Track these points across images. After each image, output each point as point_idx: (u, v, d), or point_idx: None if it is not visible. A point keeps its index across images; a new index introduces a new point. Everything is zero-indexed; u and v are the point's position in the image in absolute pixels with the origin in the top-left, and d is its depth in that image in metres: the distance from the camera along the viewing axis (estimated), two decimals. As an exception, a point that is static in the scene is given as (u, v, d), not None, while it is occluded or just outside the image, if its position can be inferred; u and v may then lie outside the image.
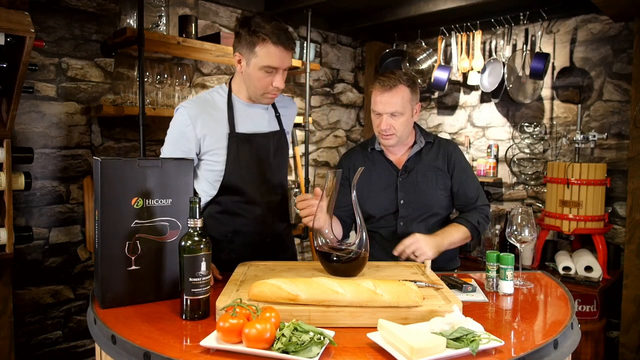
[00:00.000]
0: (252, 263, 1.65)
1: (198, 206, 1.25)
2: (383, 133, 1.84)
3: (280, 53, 1.65)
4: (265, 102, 1.77)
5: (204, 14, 3.05)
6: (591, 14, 3.17)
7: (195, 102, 1.76)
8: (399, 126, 1.82)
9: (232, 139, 1.73)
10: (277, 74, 1.69)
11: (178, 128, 1.72)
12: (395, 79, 1.80)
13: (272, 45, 1.63)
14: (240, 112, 1.78)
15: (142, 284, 1.37)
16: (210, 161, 1.75)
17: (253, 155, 1.77)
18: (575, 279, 2.83)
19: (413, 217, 1.88)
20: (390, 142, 1.86)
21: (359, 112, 4.21)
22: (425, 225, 1.88)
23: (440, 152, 1.94)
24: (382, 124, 1.82)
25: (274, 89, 1.71)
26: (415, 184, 1.88)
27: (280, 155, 1.87)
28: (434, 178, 1.90)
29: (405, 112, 1.81)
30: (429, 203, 1.88)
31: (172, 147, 1.73)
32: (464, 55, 3.52)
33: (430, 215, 1.90)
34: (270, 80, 1.69)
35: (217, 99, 1.78)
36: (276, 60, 1.65)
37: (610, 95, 3.14)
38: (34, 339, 2.46)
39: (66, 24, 2.48)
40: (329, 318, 1.20)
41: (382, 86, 1.80)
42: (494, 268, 1.54)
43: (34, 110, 2.40)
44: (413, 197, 1.87)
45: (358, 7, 3.46)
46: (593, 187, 2.87)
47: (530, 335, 1.21)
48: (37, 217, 2.44)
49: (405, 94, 1.81)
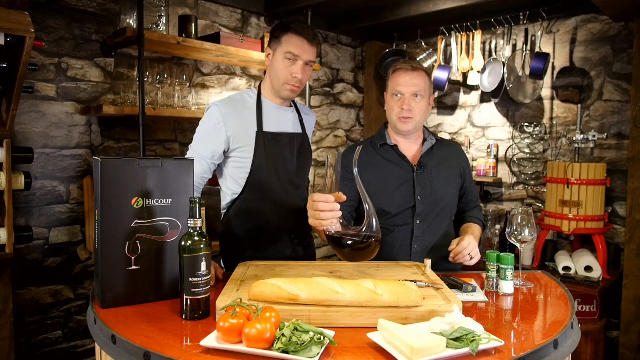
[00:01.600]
0: (252, 263, 1.65)
1: (198, 206, 1.25)
2: (403, 115, 1.82)
3: (302, 43, 1.76)
4: (285, 94, 1.83)
5: (204, 14, 3.05)
6: (591, 14, 3.17)
7: (226, 102, 1.86)
8: (419, 110, 1.83)
9: (259, 136, 1.81)
10: (297, 64, 1.77)
11: (210, 125, 1.81)
12: (416, 64, 1.86)
13: (296, 35, 1.77)
14: (268, 112, 1.87)
15: (142, 284, 1.37)
16: (238, 158, 1.82)
17: (279, 154, 1.84)
18: (575, 279, 2.83)
19: (427, 214, 1.86)
20: (409, 126, 1.84)
21: (359, 112, 4.21)
22: (438, 222, 1.88)
23: (451, 151, 1.99)
24: (404, 104, 1.81)
25: (294, 79, 1.79)
26: (431, 180, 1.87)
27: (303, 156, 1.94)
28: (447, 176, 1.92)
29: (425, 96, 1.85)
30: (442, 200, 1.88)
31: (202, 144, 1.80)
32: (464, 55, 3.53)
33: (442, 212, 1.89)
34: (291, 70, 1.78)
35: (247, 99, 1.88)
36: (297, 48, 1.76)
37: (610, 95, 3.14)
38: (34, 339, 2.46)
39: (66, 24, 2.48)
40: (329, 318, 1.20)
41: (407, 68, 1.84)
42: (494, 268, 1.54)
43: (34, 110, 2.40)
44: (429, 193, 1.86)
45: (358, 7, 3.46)
46: (593, 187, 2.87)
47: (531, 335, 1.21)
48: (37, 217, 2.44)
49: (427, 79, 1.86)
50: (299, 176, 1.93)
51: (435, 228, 1.87)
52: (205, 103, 2.85)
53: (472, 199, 2.03)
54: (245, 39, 2.85)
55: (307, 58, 1.78)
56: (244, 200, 1.84)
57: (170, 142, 2.93)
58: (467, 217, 1.99)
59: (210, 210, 2.60)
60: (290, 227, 1.91)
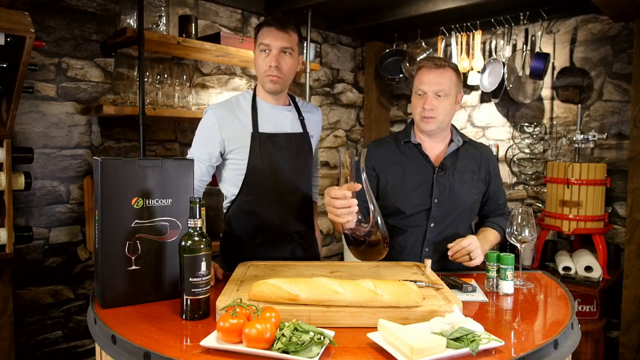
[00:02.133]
0: (252, 263, 1.65)
1: (198, 206, 1.25)
2: (425, 115, 1.76)
3: (271, 31, 1.77)
4: (268, 87, 1.83)
5: (204, 14, 3.05)
6: (591, 14, 3.17)
7: (222, 105, 1.87)
8: (442, 109, 1.76)
9: (255, 137, 1.81)
10: (271, 53, 1.77)
11: (206, 129, 1.83)
12: (444, 61, 1.80)
13: (266, 26, 1.80)
14: (264, 113, 1.87)
15: (142, 284, 1.37)
16: (235, 159, 1.83)
17: (275, 155, 1.83)
18: (575, 279, 2.83)
19: (443, 218, 1.81)
20: (431, 126, 1.78)
21: (359, 112, 4.20)
22: (453, 227, 1.82)
23: (478, 155, 1.90)
24: (426, 103, 1.75)
25: (271, 69, 1.78)
26: (451, 184, 1.81)
27: (303, 157, 1.92)
28: (470, 180, 1.84)
29: (450, 94, 1.77)
30: (461, 205, 1.82)
31: (199, 147, 1.83)
32: (464, 55, 3.52)
33: (459, 217, 1.83)
34: (267, 61, 1.78)
35: (242, 102, 1.88)
36: (268, 37, 1.77)
37: (610, 95, 3.14)
38: (34, 339, 2.46)
39: (66, 24, 2.48)
40: (329, 318, 1.20)
41: (430, 66, 1.77)
42: (494, 268, 1.54)
43: (34, 110, 2.40)
44: (447, 196, 1.80)
45: (358, 7, 3.46)
46: (593, 187, 2.87)
47: (531, 335, 1.21)
48: (37, 217, 2.44)
49: (452, 77, 1.78)
50: (299, 177, 1.91)
51: (450, 233, 1.81)
52: (205, 103, 2.85)
53: (497, 206, 1.94)
54: (245, 39, 2.85)
55: (280, 45, 1.77)
56: (241, 201, 1.85)
57: (170, 142, 2.93)
58: (487, 222, 1.91)
59: (210, 210, 2.60)
60: (288, 228, 1.90)
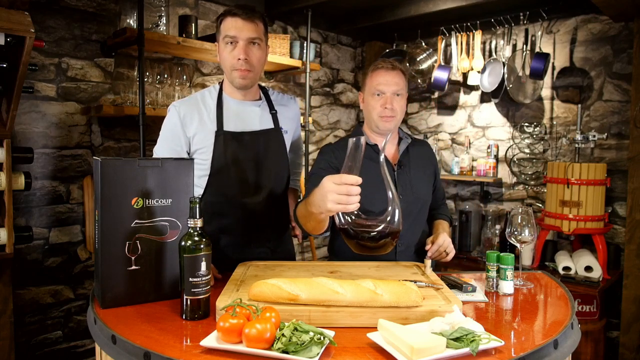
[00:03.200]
0: (252, 263, 1.65)
1: (198, 206, 1.25)
2: (385, 114, 1.81)
3: (235, 22, 1.68)
4: (237, 82, 1.74)
5: (204, 14, 3.05)
6: (591, 14, 3.17)
7: (185, 101, 1.79)
8: (399, 108, 1.83)
9: (218, 137, 1.73)
10: (238, 45, 1.68)
11: (168, 127, 1.76)
12: (395, 63, 1.86)
13: (229, 16, 1.69)
14: (231, 110, 1.78)
15: (142, 284, 1.37)
16: (199, 159, 1.75)
17: (240, 154, 1.75)
18: (575, 279, 2.83)
19: (409, 213, 1.85)
20: (391, 125, 1.84)
21: (359, 112, 4.20)
22: (419, 221, 1.90)
23: (424, 151, 2.01)
24: (386, 103, 1.80)
25: (238, 62, 1.69)
26: (411, 180, 1.88)
27: (272, 153, 1.82)
28: (423, 175, 1.94)
29: (404, 94, 1.86)
30: (421, 199, 1.90)
31: (164, 145, 1.77)
32: (464, 55, 3.53)
33: (421, 210, 1.91)
34: (235, 54, 1.69)
35: (207, 98, 1.80)
36: (233, 29, 1.68)
37: (610, 95, 3.14)
38: (34, 339, 2.46)
39: (66, 24, 2.48)
40: (329, 318, 1.20)
41: (388, 67, 1.83)
42: (494, 268, 1.54)
43: (34, 110, 2.40)
44: (409, 192, 1.87)
45: (358, 7, 3.46)
46: (593, 187, 2.87)
47: (530, 335, 1.21)
48: (37, 217, 2.44)
49: (404, 78, 1.86)
50: (266, 174, 1.81)
51: (417, 226, 1.89)
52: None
53: (441, 196, 2.08)
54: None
55: (246, 36, 1.67)
56: (206, 202, 1.75)
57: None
58: (437, 214, 2.03)
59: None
60: (253, 230, 1.82)
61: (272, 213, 1.87)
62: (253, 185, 1.79)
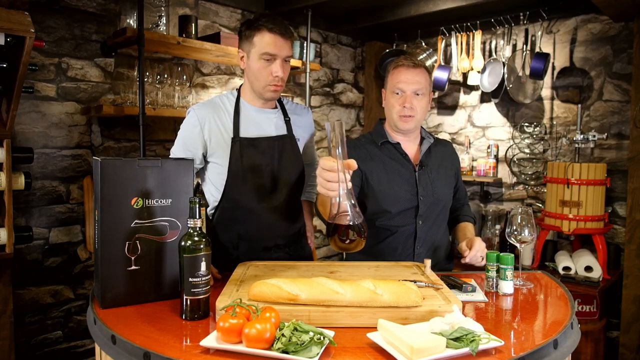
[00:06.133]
0: (252, 263, 1.65)
1: (198, 206, 1.25)
2: (404, 114, 1.78)
3: (276, 40, 1.69)
4: (268, 95, 1.77)
5: (204, 14, 3.05)
6: (591, 14, 3.17)
7: (205, 105, 1.81)
8: (420, 108, 1.79)
9: (235, 143, 1.75)
10: (275, 62, 1.71)
11: (187, 129, 1.79)
12: (417, 61, 1.81)
13: (268, 32, 1.69)
14: (248, 116, 1.81)
15: (142, 284, 1.37)
16: (216, 164, 1.78)
17: (256, 160, 1.77)
18: (575, 279, 2.83)
19: (429, 215, 1.84)
20: (410, 124, 1.80)
21: (359, 112, 4.21)
22: (438, 222, 1.88)
23: (447, 151, 1.99)
24: (405, 102, 1.76)
25: (275, 79, 1.72)
26: (432, 180, 1.85)
27: (287, 159, 1.83)
28: (445, 176, 1.91)
29: (426, 93, 1.81)
30: (442, 200, 1.87)
31: (181, 148, 1.79)
32: (464, 55, 3.53)
33: (442, 212, 1.89)
34: (270, 70, 1.71)
35: (226, 103, 1.82)
36: (272, 46, 1.69)
37: (610, 95, 3.14)
38: (34, 339, 2.46)
39: (66, 24, 2.48)
40: (329, 318, 1.20)
41: (409, 65, 1.79)
42: (494, 268, 1.54)
43: (34, 110, 2.40)
44: (430, 193, 1.84)
45: (358, 7, 3.46)
46: (593, 187, 2.87)
47: (530, 335, 1.21)
48: (37, 217, 2.44)
49: (427, 76, 1.82)
50: (282, 179, 1.82)
51: (436, 228, 1.86)
52: (205, 103, 2.85)
53: (462, 196, 2.06)
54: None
55: (284, 54, 1.71)
56: (223, 208, 1.79)
57: (170, 142, 2.89)
58: (460, 215, 2.00)
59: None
60: (270, 235, 1.83)
61: (289, 218, 1.88)
62: (271, 190, 1.80)
